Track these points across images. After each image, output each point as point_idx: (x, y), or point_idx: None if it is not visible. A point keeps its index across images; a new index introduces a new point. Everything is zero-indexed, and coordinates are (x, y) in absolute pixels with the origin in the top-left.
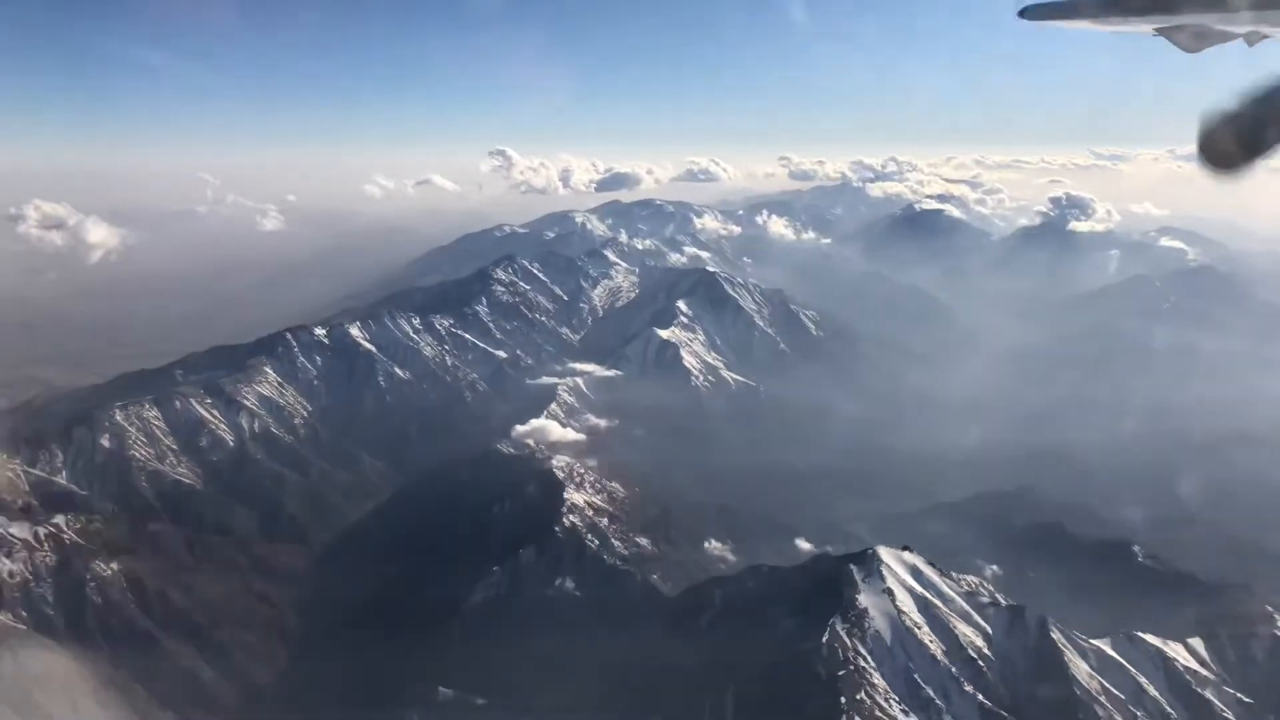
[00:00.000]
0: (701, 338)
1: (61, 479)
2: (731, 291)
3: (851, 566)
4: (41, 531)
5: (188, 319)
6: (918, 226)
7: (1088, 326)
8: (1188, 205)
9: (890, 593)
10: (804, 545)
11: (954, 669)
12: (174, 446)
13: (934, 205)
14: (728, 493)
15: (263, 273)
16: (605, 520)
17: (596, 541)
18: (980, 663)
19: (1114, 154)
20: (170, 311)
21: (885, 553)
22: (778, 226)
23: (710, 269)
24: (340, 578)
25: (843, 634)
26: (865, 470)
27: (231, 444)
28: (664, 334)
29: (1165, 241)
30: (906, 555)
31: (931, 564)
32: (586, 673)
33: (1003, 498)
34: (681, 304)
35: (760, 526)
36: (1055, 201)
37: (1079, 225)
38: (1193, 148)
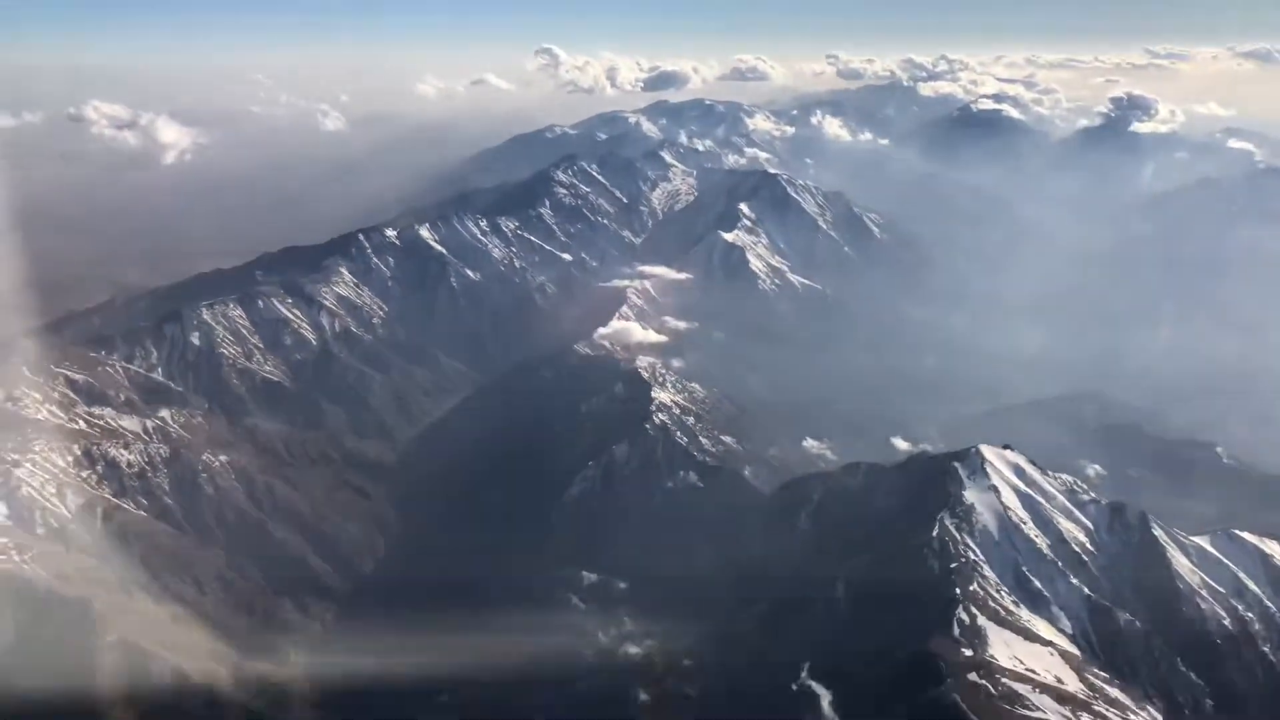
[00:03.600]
0: (765, 241)
1: (158, 375)
2: (793, 194)
3: (956, 464)
4: (149, 424)
5: (252, 218)
6: (975, 127)
7: (1155, 229)
8: (1253, 105)
9: (995, 489)
10: (901, 444)
11: (1059, 563)
12: (260, 345)
13: (991, 105)
14: (804, 394)
15: (321, 172)
16: (691, 419)
17: (685, 439)
18: (1084, 557)
19: (1171, 52)
20: (234, 211)
21: (988, 451)
22: (833, 127)
23: (771, 171)
24: (431, 472)
25: (951, 528)
26: (934, 372)
27: (314, 343)
28: (729, 237)
29: (1233, 143)
30: (1009, 453)
31: (1033, 462)
32: (697, 560)
33: (1074, 399)
34: (744, 207)
35: (844, 425)
36: (1116, 101)
37: (1141, 126)
38: (1254, 45)
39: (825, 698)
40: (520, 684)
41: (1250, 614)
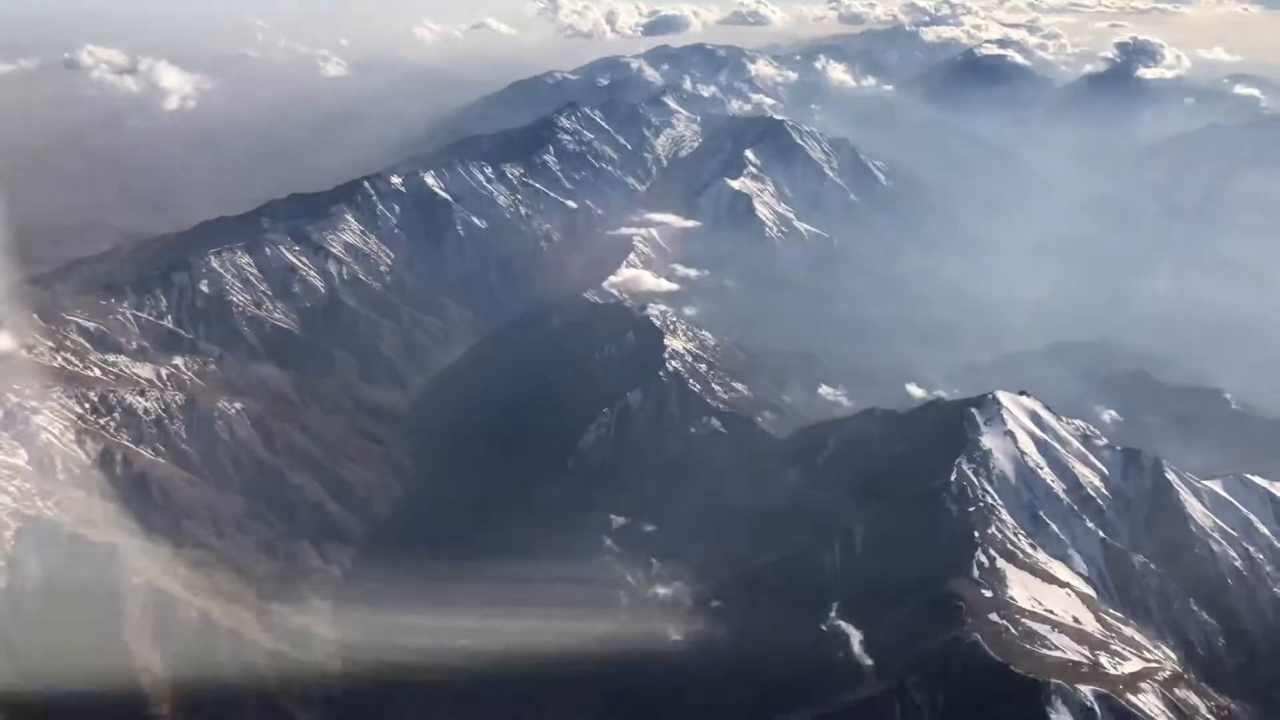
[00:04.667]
0: (771, 188)
1: (168, 322)
2: (799, 141)
3: (973, 410)
4: (163, 372)
5: (254, 165)
6: (980, 73)
7: (1160, 176)
8: (1260, 51)
9: (1012, 435)
10: (916, 391)
11: (1075, 507)
12: (269, 292)
13: (995, 51)
14: (813, 342)
15: (321, 118)
16: (704, 367)
17: (699, 386)
18: (1099, 501)
19: None
20: (235, 158)
21: (1005, 397)
22: (836, 73)
23: (777, 117)
24: (443, 419)
25: (969, 473)
26: (941, 319)
27: (323, 290)
28: (735, 184)
29: (1239, 89)
30: (1024, 400)
31: (1048, 408)
32: (715, 505)
33: (1081, 346)
34: (749, 154)
35: (855, 373)
36: (1121, 47)
37: (1147, 72)
38: None
39: (856, 637)
40: (553, 624)
41: (1261, 555)
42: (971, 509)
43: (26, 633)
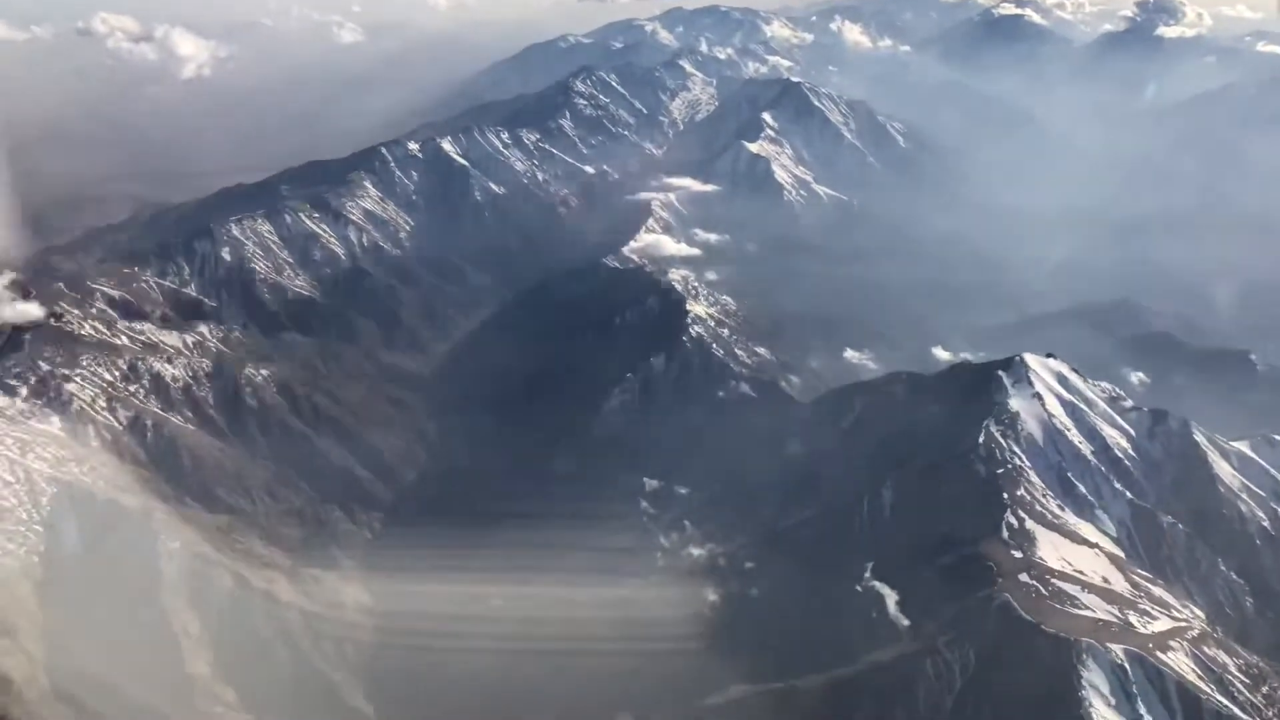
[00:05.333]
0: (789, 151)
1: (191, 291)
2: (817, 103)
3: (1001, 373)
4: (189, 340)
5: (269, 132)
6: (997, 32)
7: (1182, 136)
8: None
9: (1040, 397)
10: (942, 354)
11: (1103, 468)
12: (289, 260)
13: (1012, 10)
14: (834, 306)
15: (335, 84)
16: (726, 331)
17: (722, 351)
18: (1127, 463)
19: None
20: (250, 125)
21: (1032, 359)
22: (853, 34)
23: (794, 80)
24: (466, 385)
25: (997, 435)
26: (961, 282)
27: (343, 257)
28: (753, 148)
29: (1261, 46)
30: (1051, 362)
31: (1075, 370)
32: (742, 469)
33: (1104, 309)
34: (767, 116)
35: (876, 336)
36: (1141, 5)
37: (1168, 30)
38: None
39: (891, 598)
40: (587, 586)
41: None
42: (1000, 471)
43: (66, 597)
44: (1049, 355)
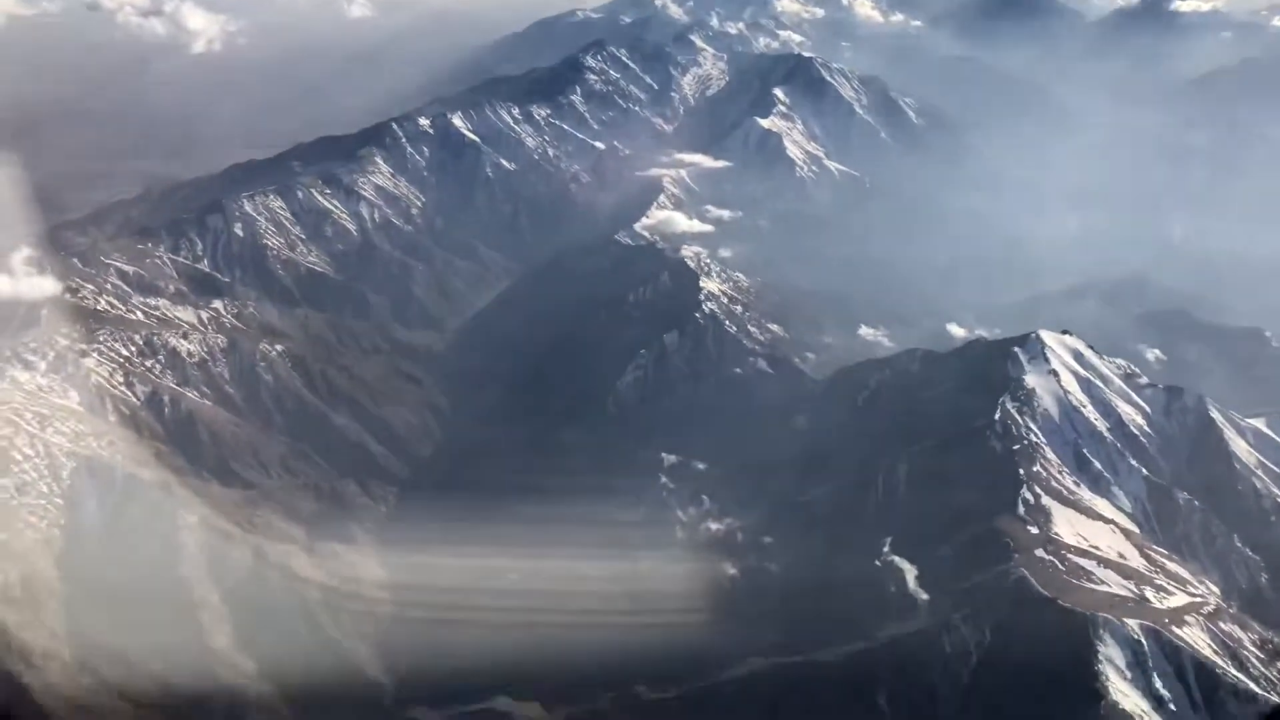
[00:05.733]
0: (800, 127)
1: (204, 266)
2: (828, 78)
3: (1016, 349)
4: (203, 315)
5: (279, 108)
6: (1010, 7)
7: (1196, 113)
8: None
9: (1055, 374)
10: (957, 330)
11: (1118, 444)
12: (302, 235)
13: None
14: (847, 282)
15: (344, 60)
16: (739, 308)
17: (735, 328)
18: (1142, 439)
19: None
20: (259, 101)
21: (1048, 335)
22: (864, 8)
23: (805, 54)
24: (479, 361)
25: (1013, 412)
26: (974, 259)
27: (355, 233)
28: (765, 123)
29: (1278, 21)
30: (1067, 338)
31: (1090, 347)
32: (757, 444)
33: (1117, 286)
34: (778, 92)
35: (889, 313)
36: None
37: (1182, 4)
38: None
39: (910, 572)
40: (605, 560)
41: None
42: (1016, 447)
43: (86, 570)
44: (1065, 331)
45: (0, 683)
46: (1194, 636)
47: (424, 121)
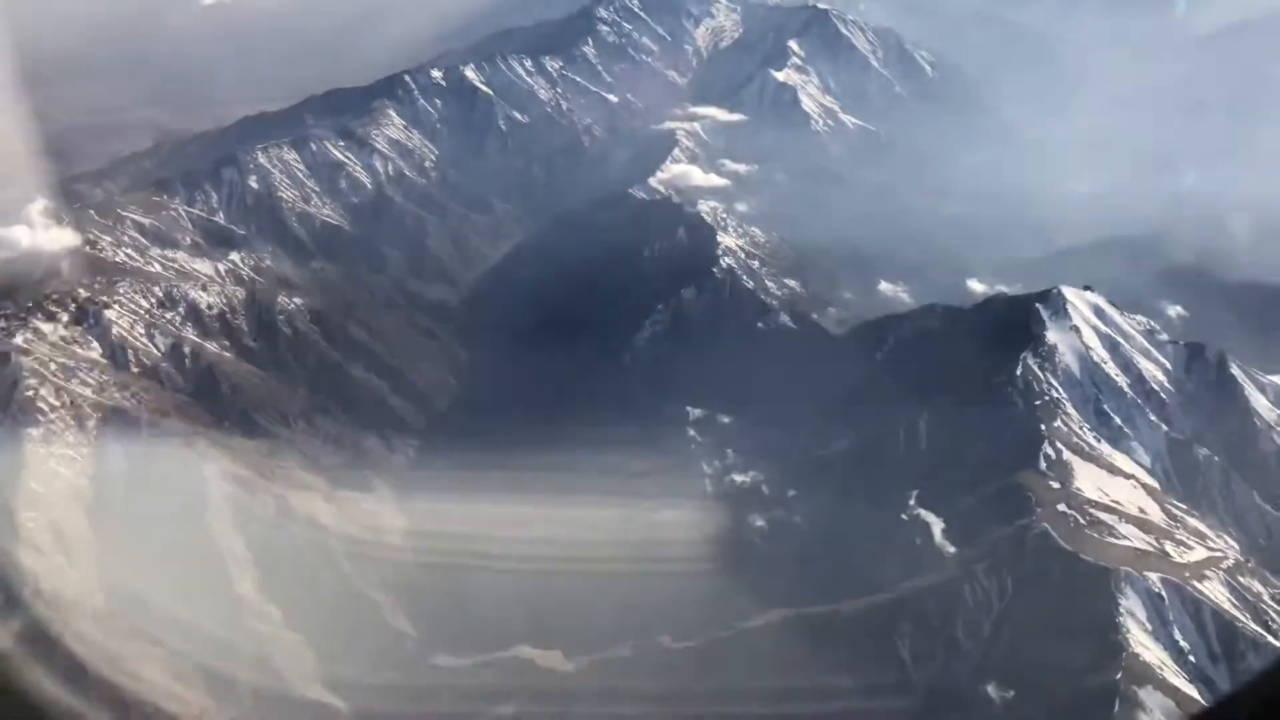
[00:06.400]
0: (815, 80)
1: (219, 219)
2: (844, 31)
3: (1038, 305)
4: (221, 268)
5: (289, 59)
6: None
7: (1214, 67)
8: None
9: (1077, 330)
10: (977, 286)
11: (1140, 401)
12: (316, 189)
13: None
14: (863, 238)
15: (354, 10)
16: (756, 263)
17: (753, 283)
18: (1163, 395)
19: None
20: (269, 52)
21: (1069, 291)
22: None
23: (821, 6)
24: (496, 315)
25: (1034, 367)
26: (990, 214)
27: (369, 187)
28: (780, 76)
29: None
30: (1088, 294)
31: (1112, 303)
32: (777, 399)
33: (1132, 242)
34: (793, 44)
35: (905, 269)
36: None
37: None
38: None
39: (937, 526)
40: (629, 510)
41: None
42: (1038, 403)
43: (115, 518)
44: (1086, 288)
45: (31, 630)
46: (1214, 590)
47: (436, 73)
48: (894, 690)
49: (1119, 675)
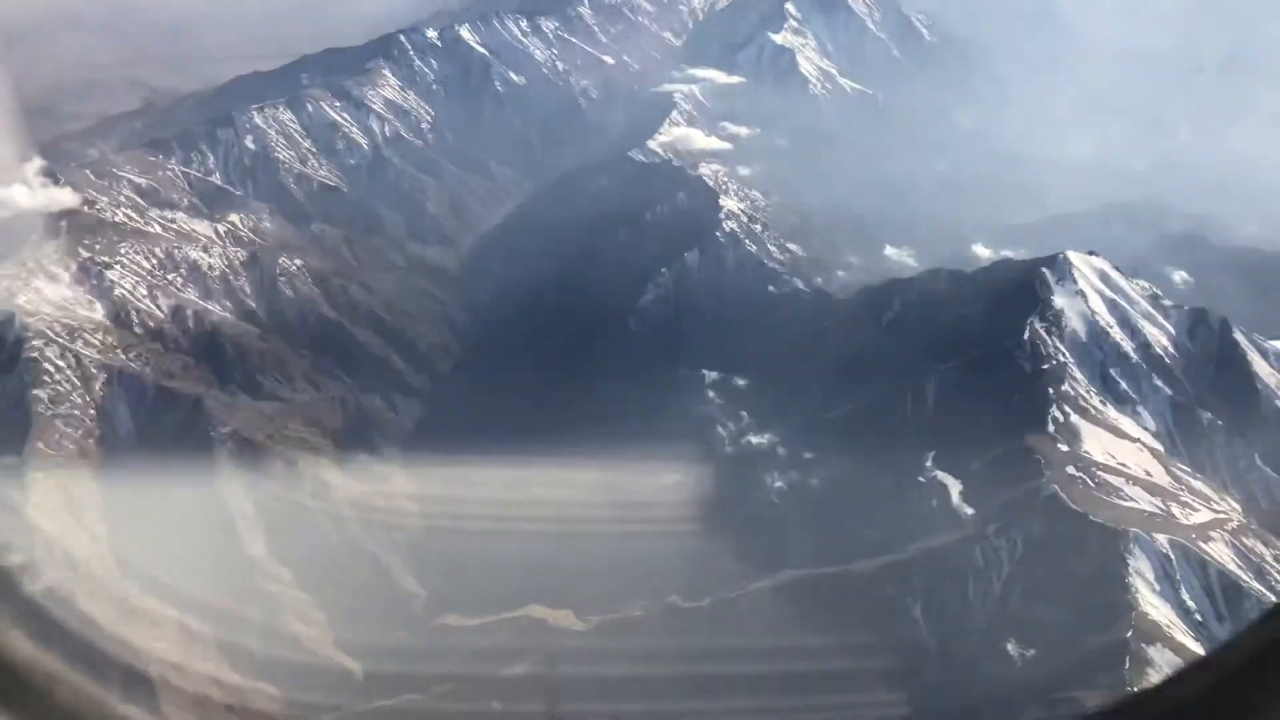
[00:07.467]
0: (813, 43)
1: (216, 179)
2: None
3: (1045, 270)
4: (220, 229)
5: (280, 17)
6: None
7: (1217, 28)
8: None
9: (1083, 294)
10: (982, 251)
11: (1145, 365)
12: (313, 149)
13: None
14: (862, 202)
15: None
16: (759, 227)
17: (755, 247)
18: (1167, 360)
19: None
20: (257, 9)
21: (1075, 256)
22: None
23: None
24: (496, 278)
25: (1042, 332)
26: (988, 178)
27: (366, 148)
28: (778, 39)
29: None
30: (1094, 259)
31: (1116, 268)
32: (784, 362)
33: (1131, 207)
34: (790, 6)
35: (907, 233)
36: None
37: None
38: None
39: (955, 488)
40: (644, 472)
41: None
42: (1045, 367)
43: (124, 479)
44: (1091, 253)
45: (43, 592)
46: (1219, 551)
47: (431, 33)
48: (906, 649)
49: (1129, 634)
